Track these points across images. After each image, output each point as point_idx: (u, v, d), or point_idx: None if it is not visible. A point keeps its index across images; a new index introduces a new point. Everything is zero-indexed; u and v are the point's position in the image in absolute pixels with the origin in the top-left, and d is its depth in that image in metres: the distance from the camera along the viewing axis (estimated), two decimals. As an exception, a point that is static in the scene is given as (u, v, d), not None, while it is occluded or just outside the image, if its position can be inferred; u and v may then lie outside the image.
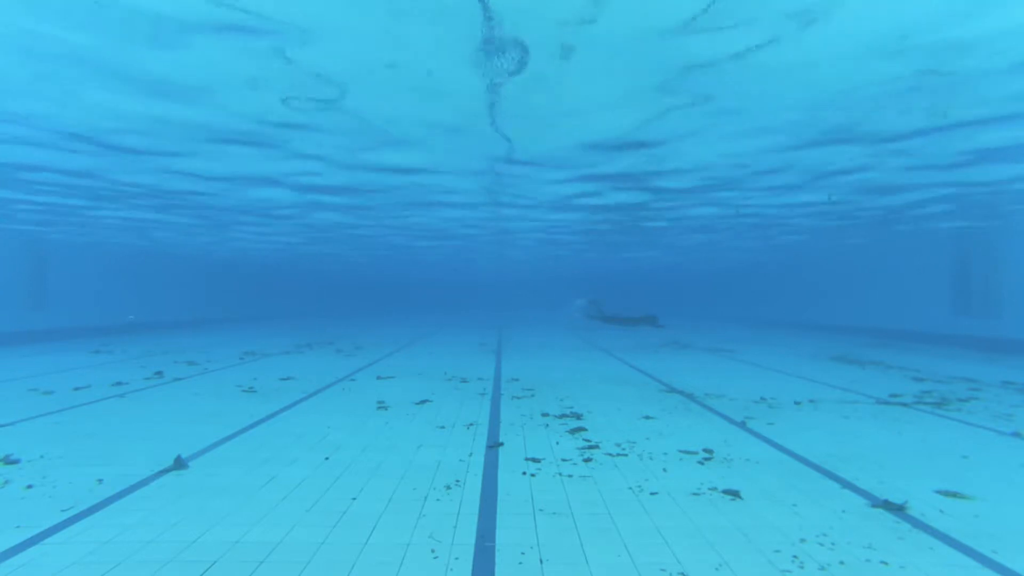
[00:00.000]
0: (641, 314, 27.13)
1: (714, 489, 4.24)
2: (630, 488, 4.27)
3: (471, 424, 6.33)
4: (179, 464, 4.69)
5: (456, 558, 3.12)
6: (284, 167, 11.07)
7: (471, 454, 5.15)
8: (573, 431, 6.00)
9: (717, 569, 3.01)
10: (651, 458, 5.05)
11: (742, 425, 6.33)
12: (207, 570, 2.97)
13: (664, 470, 4.71)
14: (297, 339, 17.69)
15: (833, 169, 11.18)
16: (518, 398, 7.90)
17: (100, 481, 4.32)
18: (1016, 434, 6.00)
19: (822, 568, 3.03)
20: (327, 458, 4.99)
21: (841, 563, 3.09)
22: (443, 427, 6.17)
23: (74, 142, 9.32)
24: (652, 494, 4.14)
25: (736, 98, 7.41)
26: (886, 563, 3.09)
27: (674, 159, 10.52)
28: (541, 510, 3.82)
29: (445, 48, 5.86)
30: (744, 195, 13.60)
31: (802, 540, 3.37)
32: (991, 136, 8.85)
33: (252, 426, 6.17)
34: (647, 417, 6.71)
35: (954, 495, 4.16)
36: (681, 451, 5.27)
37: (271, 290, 41.78)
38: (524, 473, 4.61)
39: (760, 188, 12.88)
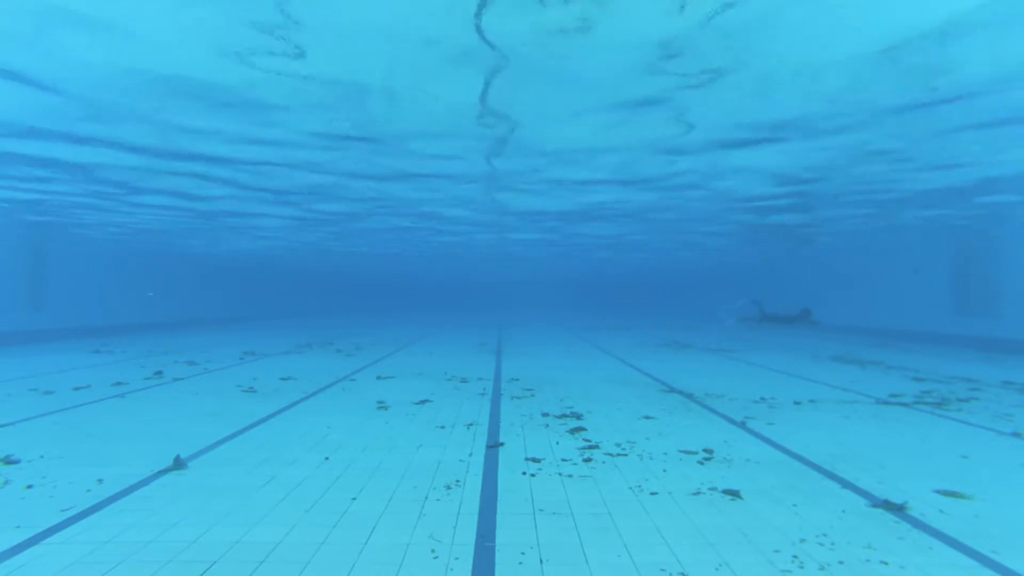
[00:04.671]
0: (796, 310, 25.84)
1: (714, 489, 4.24)
2: (630, 488, 4.27)
3: (471, 424, 6.33)
4: (178, 464, 4.69)
5: (456, 558, 3.12)
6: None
7: (471, 454, 5.15)
8: (573, 431, 6.00)
9: (717, 569, 3.01)
10: (651, 458, 5.05)
11: (742, 425, 6.33)
12: (207, 570, 2.97)
13: (664, 470, 4.71)
14: (297, 339, 17.69)
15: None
16: (518, 398, 7.90)
17: (100, 481, 4.32)
18: (1016, 434, 6.00)
19: (822, 568, 3.03)
20: (327, 458, 4.99)
21: (841, 563, 3.09)
22: (443, 427, 6.17)
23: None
24: (652, 494, 4.14)
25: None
26: (886, 563, 3.09)
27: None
28: (541, 510, 3.82)
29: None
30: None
31: (802, 540, 3.37)
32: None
33: (252, 426, 6.17)
34: (647, 417, 6.71)
35: (954, 495, 4.16)
36: (681, 451, 5.27)
37: (271, 290, 41.79)
38: (524, 473, 4.61)
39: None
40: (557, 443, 5.53)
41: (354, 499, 4.00)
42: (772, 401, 7.75)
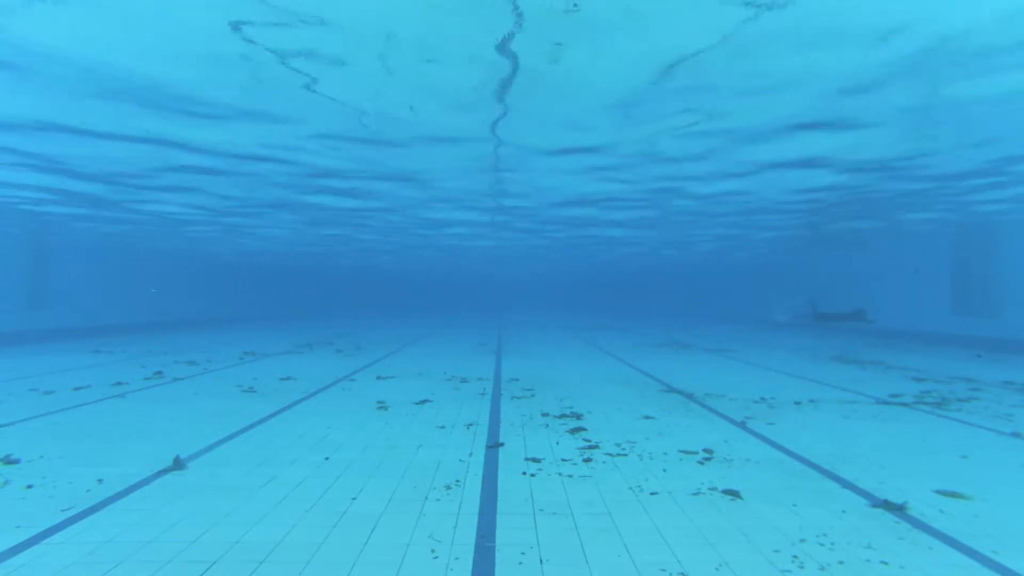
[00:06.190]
0: (849, 309, 25.34)
1: (714, 489, 4.24)
2: (630, 488, 4.27)
3: (471, 424, 6.33)
4: (178, 464, 4.69)
5: (456, 558, 3.12)
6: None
7: (471, 454, 5.15)
8: (573, 431, 6.00)
9: (717, 569, 3.01)
10: (651, 458, 5.05)
11: (742, 425, 6.33)
12: (207, 570, 2.97)
13: (664, 470, 4.71)
14: (297, 339, 17.68)
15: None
16: (518, 398, 7.90)
17: (100, 481, 4.32)
18: (1016, 434, 6.00)
19: (822, 568, 3.03)
20: (327, 458, 4.99)
21: (841, 563, 3.09)
22: (443, 427, 6.17)
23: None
24: (652, 494, 4.14)
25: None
26: (886, 563, 3.09)
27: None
28: (541, 510, 3.82)
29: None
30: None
31: (802, 540, 3.37)
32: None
33: (252, 426, 6.17)
34: (647, 417, 6.70)
35: (954, 495, 4.15)
36: (681, 451, 5.27)
37: (271, 290, 41.79)
38: (524, 473, 4.60)
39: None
40: (557, 443, 5.53)
41: (354, 499, 4.00)
42: (772, 401, 7.75)
